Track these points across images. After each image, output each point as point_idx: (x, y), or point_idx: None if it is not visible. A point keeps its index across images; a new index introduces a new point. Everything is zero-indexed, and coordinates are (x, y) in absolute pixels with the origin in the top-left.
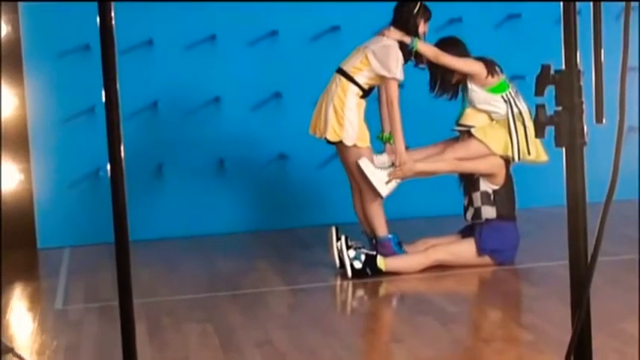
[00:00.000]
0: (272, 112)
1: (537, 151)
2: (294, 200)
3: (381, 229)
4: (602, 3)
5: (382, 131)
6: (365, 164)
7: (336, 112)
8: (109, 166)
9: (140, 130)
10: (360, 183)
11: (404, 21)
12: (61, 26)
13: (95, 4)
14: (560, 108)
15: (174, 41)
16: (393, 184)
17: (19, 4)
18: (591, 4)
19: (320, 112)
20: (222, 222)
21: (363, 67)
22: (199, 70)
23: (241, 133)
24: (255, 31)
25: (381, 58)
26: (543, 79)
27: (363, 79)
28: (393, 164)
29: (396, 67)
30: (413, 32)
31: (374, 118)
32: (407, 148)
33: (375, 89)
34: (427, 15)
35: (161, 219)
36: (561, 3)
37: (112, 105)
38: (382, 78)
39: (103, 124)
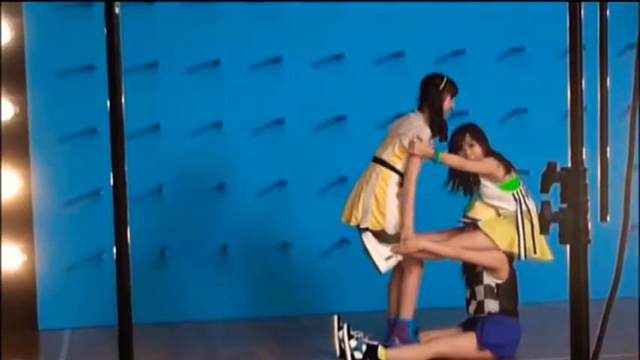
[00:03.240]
0: (276, 199)
1: (542, 250)
2: (297, 288)
3: (408, 312)
4: (609, 100)
5: None
6: (367, 238)
7: (377, 201)
8: (114, 249)
9: (144, 213)
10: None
11: (430, 96)
12: (68, 108)
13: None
14: (565, 205)
15: (180, 124)
16: (393, 260)
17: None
18: (598, 102)
19: (357, 202)
20: (224, 308)
21: (402, 154)
22: (205, 154)
23: (245, 219)
24: (261, 119)
25: (412, 137)
26: (549, 176)
27: (403, 167)
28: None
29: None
30: (437, 107)
31: None
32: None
33: None
34: (453, 90)
35: (163, 303)
36: (568, 98)
37: (119, 188)
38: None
39: (107, 207)
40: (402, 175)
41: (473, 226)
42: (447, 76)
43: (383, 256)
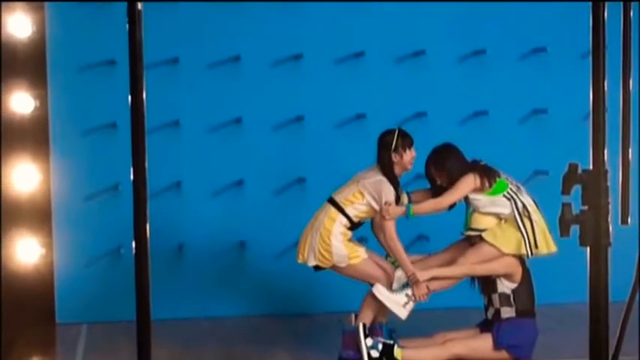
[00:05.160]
0: (294, 197)
1: (547, 243)
2: (313, 286)
3: (365, 317)
4: (631, 102)
5: (387, 255)
6: (379, 292)
7: (322, 240)
8: (133, 244)
9: (162, 209)
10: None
11: (380, 156)
12: (88, 103)
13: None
14: (585, 207)
15: (200, 120)
16: (410, 305)
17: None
18: (620, 103)
19: (304, 240)
20: (242, 304)
21: (356, 200)
22: (223, 150)
23: (263, 216)
24: (281, 116)
25: (374, 193)
26: (570, 177)
27: (355, 211)
28: (408, 283)
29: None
30: (388, 167)
31: None
32: (416, 256)
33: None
34: (408, 142)
35: (180, 299)
36: (590, 98)
37: (139, 182)
38: (376, 212)
39: (126, 202)
40: (349, 218)
41: (478, 237)
42: (398, 129)
43: (400, 304)
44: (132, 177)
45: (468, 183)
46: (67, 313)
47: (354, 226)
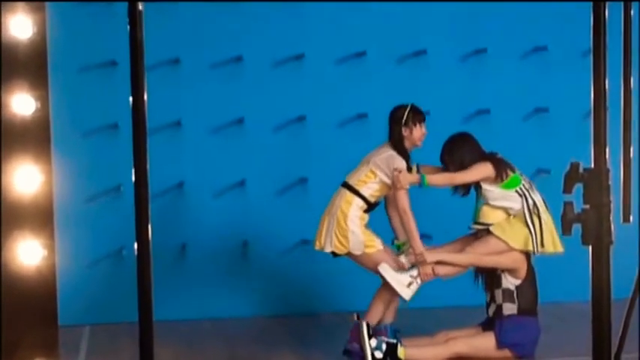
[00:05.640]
0: (296, 196)
1: (554, 243)
2: (317, 286)
3: (372, 316)
4: (632, 101)
5: (396, 238)
6: (384, 269)
7: (339, 224)
8: (135, 245)
9: (165, 209)
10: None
11: (392, 130)
12: (89, 104)
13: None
14: (587, 206)
15: (202, 121)
16: (415, 285)
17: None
18: (622, 102)
19: (322, 227)
20: (245, 305)
21: (368, 179)
22: (226, 150)
23: (266, 216)
24: (283, 116)
25: (386, 169)
26: (572, 176)
27: (369, 190)
28: (414, 265)
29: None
30: (398, 141)
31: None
32: (425, 246)
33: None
34: (419, 117)
35: (183, 300)
36: (591, 98)
37: (141, 183)
38: (390, 188)
39: (128, 203)
40: (365, 199)
41: (485, 231)
42: (410, 105)
43: (404, 284)
44: (133, 178)
45: (484, 169)
46: (70, 315)
47: (370, 207)
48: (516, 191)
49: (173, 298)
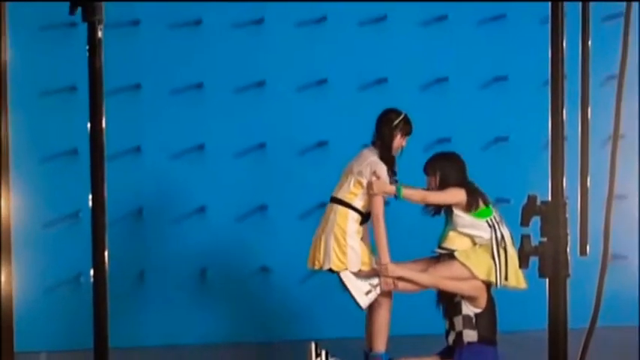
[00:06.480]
0: (256, 224)
1: (517, 278)
2: (275, 313)
3: (380, 344)
4: (590, 132)
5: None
6: (345, 275)
7: (337, 241)
8: (92, 272)
9: (124, 236)
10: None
11: (381, 131)
12: (49, 129)
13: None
14: (545, 239)
15: (162, 147)
16: (373, 294)
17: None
18: (579, 134)
19: (319, 244)
20: (203, 332)
21: (358, 191)
22: (186, 178)
23: (225, 243)
24: (243, 142)
25: (369, 176)
26: (529, 209)
27: (361, 202)
28: (377, 275)
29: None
30: (387, 143)
31: None
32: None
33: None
34: (407, 129)
35: (141, 327)
36: (549, 130)
37: (98, 209)
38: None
39: (86, 229)
40: (359, 211)
41: (449, 255)
42: (405, 114)
43: (362, 292)
44: (90, 204)
45: (457, 194)
46: (26, 341)
47: (364, 218)
48: (487, 221)
49: (131, 325)
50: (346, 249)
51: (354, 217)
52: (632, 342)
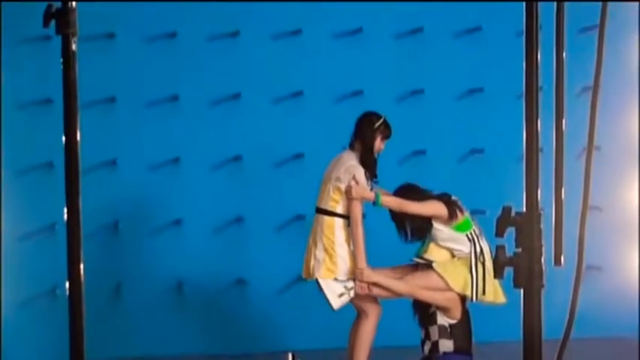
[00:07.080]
0: (233, 236)
1: (495, 292)
2: (252, 325)
3: (362, 358)
4: (565, 147)
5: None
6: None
7: (327, 252)
8: (67, 285)
9: (100, 248)
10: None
11: (362, 133)
12: (24, 141)
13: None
14: (519, 250)
15: (137, 159)
16: (346, 297)
17: None
18: (553, 146)
19: (309, 256)
20: (179, 344)
21: (338, 197)
22: (162, 191)
23: (201, 256)
24: (219, 155)
25: (348, 181)
26: (504, 220)
27: (343, 208)
28: (353, 279)
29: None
30: (368, 145)
31: None
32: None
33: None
34: (387, 132)
35: (117, 339)
36: (524, 143)
37: (73, 222)
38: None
39: (62, 242)
40: (344, 217)
41: (427, 266)
42: (384, 117)
43: (336, 294)
44: (65, 217)
45: (436, 206)
46: (2, 355)
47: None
48: (467, 235)
49: (107, 338)
50: (336, 259)
51: (340, 223)
52: (607, 354)
